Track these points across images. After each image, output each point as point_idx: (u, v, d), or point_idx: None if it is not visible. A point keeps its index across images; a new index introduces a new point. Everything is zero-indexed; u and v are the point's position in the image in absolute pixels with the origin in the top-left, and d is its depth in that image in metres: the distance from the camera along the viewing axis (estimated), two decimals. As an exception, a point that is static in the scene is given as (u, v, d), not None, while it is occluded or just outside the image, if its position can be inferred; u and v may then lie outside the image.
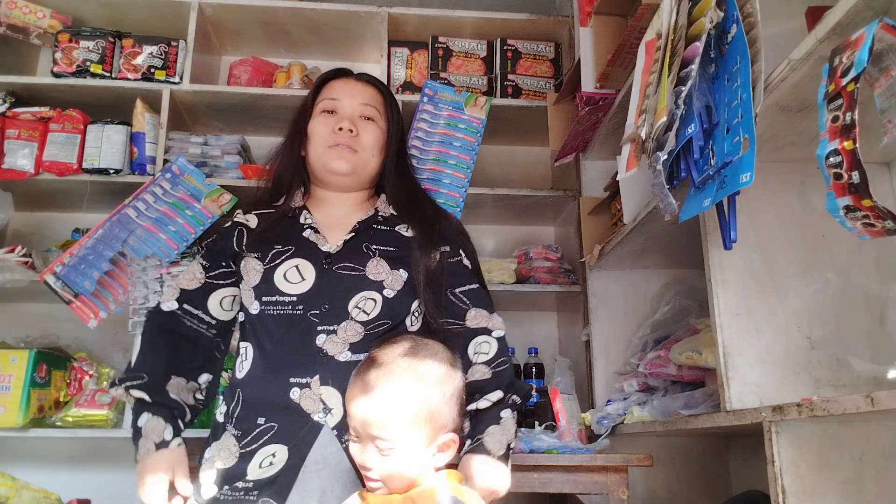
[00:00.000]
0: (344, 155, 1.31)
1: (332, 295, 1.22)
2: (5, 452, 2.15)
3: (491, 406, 1.17)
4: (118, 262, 2.03)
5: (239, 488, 1.13)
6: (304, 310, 1.20)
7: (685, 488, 1.87)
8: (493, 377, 1.20)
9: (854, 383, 1.22)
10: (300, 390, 1.16)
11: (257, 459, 1.14)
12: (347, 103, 1.36)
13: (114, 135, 2.17)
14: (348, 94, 1.37)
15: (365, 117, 1.35)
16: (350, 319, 1.20)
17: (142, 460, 1.14)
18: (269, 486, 1.12)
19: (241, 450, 1.15)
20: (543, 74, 2.49)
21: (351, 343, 1.19)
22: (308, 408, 1.15)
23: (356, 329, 1.20)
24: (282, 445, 1.14)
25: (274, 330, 1.21)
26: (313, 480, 1.14)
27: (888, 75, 0.79)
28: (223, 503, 1.13)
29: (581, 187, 2.22)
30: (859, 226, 0.84)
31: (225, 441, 1.18)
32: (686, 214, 1.19)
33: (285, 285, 1.22)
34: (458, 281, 1.32)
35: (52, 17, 2.32)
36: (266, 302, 1.22)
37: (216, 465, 1.16)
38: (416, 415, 0.98)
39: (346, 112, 1.35)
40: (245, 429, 1.17)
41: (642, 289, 2.02)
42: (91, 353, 2.24)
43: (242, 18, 2.43)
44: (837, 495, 1.02)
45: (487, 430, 1.14)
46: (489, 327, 1.28)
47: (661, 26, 1.23)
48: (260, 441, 1.15)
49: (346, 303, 1.21)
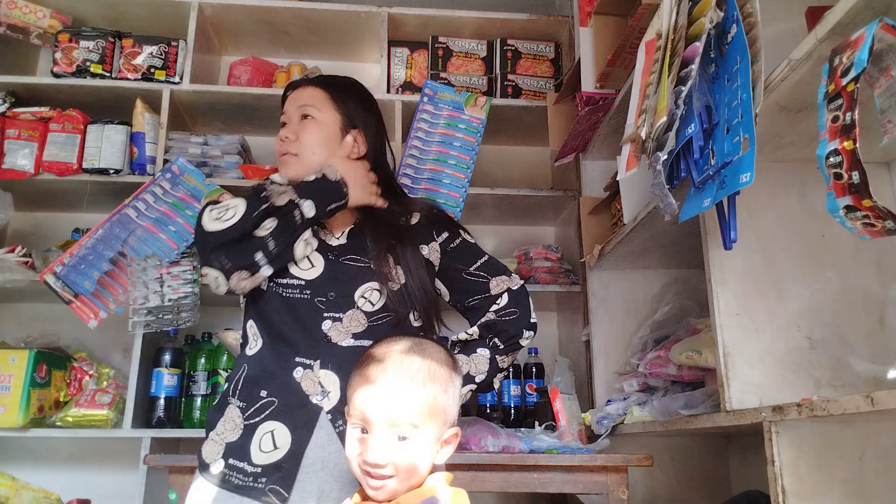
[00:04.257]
0: (287, 161, 1.37)
1: (338, 284, 1.27)
2: (5, 452, 2.15)
3: (469, 340, 1.33)
4: (118, 262, 2.02)
5: (248, 473, 1.16)
6: (312, 295, 1.26)
7: (685, 488, 1.87)
8: (494, 323, 1.34)
9: (854, 383, 1.22)
10: (303, 370, 1.21)
11: (258, 436, 1.18)
12: (290, 111, 1.41)
13: (114, 135, 2.17)
14: (291, 102, 1.42)
15: (303, 116, 1.39)
16: (356, 308, 1.26)
17: None
18: (275, 471, 1.16)
19: (245, 422, 1.20)
20: (543, 74, 2.49)
21: (354, 333, 1.24)
22: (308, 389, 1.20)
23: (360, 319, 1.25)
24: (282, 425, 1.18)
25: (281, 309, 1.26)
26: (312, 479, 1.15)
27: (888, 75, 0.79)
28: (230, 484, 1.17)
29: (581, 187, 2.22)
30: (859, 226, 0.84)
31: (230, 413, 1.22)
32: (686, 214, 1.19)
33: (296, 269, 1.28)
34: (470, 259, 1.41)
35: (52, 17, 2.32)
36: (277, 283, 1.27)
37: (226, 440, 1.20)
38: (433, 406, 0.98)
39: (290, 119, 1.40)
40: (248, 401, 1.21)
41: (642, 289, 2.02)
42: (91, 353, 2.24)
43: (242, 18, 2.43)
44: (837, 495, 1.02)
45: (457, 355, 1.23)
46: (511, 287, 1.38)
47: (661, 26, 1.23)
48: (262, 415, 1.19)
49: (353, 292, 1.27)
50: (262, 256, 1.22)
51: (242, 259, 1.22)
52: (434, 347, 1.05)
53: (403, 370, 0.99)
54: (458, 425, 1.06)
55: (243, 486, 1.16)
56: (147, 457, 1.78)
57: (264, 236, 1.22)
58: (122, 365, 2.21)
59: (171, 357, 2.11)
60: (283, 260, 1.25)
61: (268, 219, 1.23)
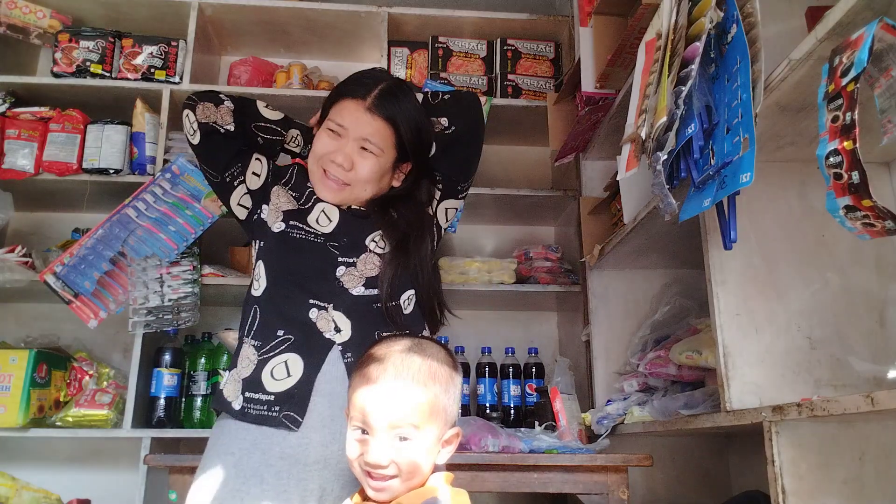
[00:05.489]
0: (333, 188, 1.36)
1: (350, 231, 1.34)
2: (5, 452, 2.15)
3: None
4: (118, 262, 2.02)
5: (262, 401, 1.21)
6: (325, 241, 1.32)
7: (685, 488, 1.87)
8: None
9: (854, 383, 1.22)
10: (318, 311, 1.27)
11: (271, 366, 1.23)
12: (352, 132, 1.35)
13: (114, 135, 2.17)
14: (354, 123, 1.35)
15: (363, 147, 1.36)
16: (368, 252, 1.31)
17: None
18: (288, 399, 1.21)
19: (260, 357, 1.24)
20: (543, 74, 2.49)
21: (367, 277, 1.29)
22: (322, 327, 1.26)
23: (374, 262, 1.31)
24: (296, 355, 1.23)
25: (296, 253, 1.31)
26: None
27: (888, 75, 0.79)
28: (249, 416, 1.21)
29: (581, 187, 2.22)
30: (859, 226, 0.84)
31: (245, 352, 1.27)
32: (686, 214, 1.19)
33: (314, 225, 1.35)
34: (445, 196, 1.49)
35: (52, 17, 2.32)
36: (292, 226, 1.34)
37: (241, 376, 1.24)
38: (434, 406, 0.98)
39: (349, 141, 1.35)
40: (264, 339, 1.26)
41: (642, 289, 2.02)
42: (91, 353, 2.24)
43: (242, 18, 2.43)
44: (837, 495, 1.02)
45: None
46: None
47: (661, 26, 1.23)
48: (277, 350, 1.24)
49: (363, 238, 1.33)
50: (223, 95, 1.42)
51: (207, 95, 1.40)
52: (434, 347, 1.05)
53: (404, 370, 0.98)
54: (458, 425, 1.06)
55: (260, 416, 1.20)
56: (147, 457, 1.78)
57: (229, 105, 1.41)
58: (122, 365, 2.21)
59: (171, 357, 2.11)
60: (239, 101, 1.44)
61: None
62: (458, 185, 1.50)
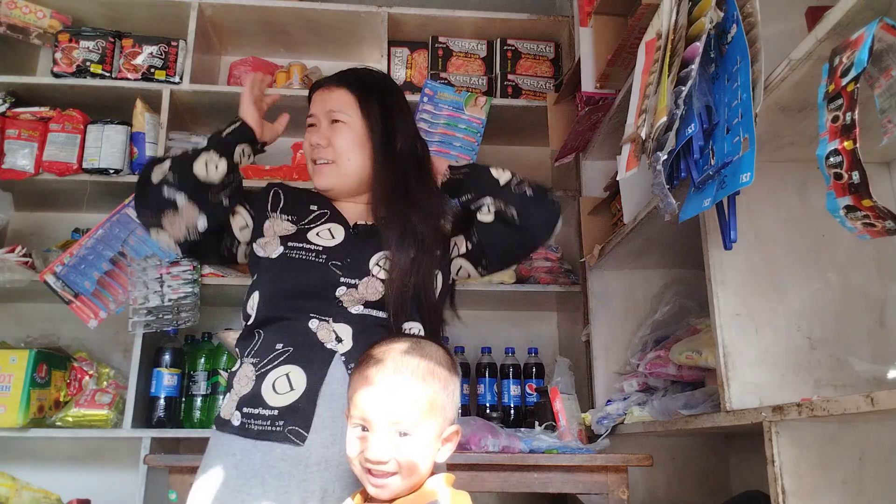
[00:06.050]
0: (323, 171, 1.36)
1: (354, 251, 1.29)
2: (5, 452, 2.15)
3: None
4: (118, 262, 2.03)
5: (265, 416, 1.17)
6: (327, 260, 1.27)
7: (685, 488, 1.87)
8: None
9: (854, 383, 1.22)
10: (319, 321, 1.23)
11: (271, 380, 1.18)
12: (320, 113, 1.38)
13: (114, 135, 2.17)
14: (320, 104, 1.39)
15: (333, 121, 1.37)
16: (371, 276, 1.26)
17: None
18: (292, 413, 1.16)
19: (258, 372, 1.21)
20: (543, 74, 2.49)
21: (367, 301, 1.25)
22: (323, 338, 1.22)
23: (377, 287, 1.25)
24: (297, 367, 1.19)
25: (297, 269, 1.27)
26: (315, 479, 1.14)
27: (888, 75, 0.79)
28: (250, 432, 1.17)
29: (581, 187, 2.22)
30: (859, 226, 0.84)
31: (243, 371, 1.23)
32: (686, 214, 1.19)
33: (316, 239, 1.30)
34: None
35: (52, 17, 2.32)
36: (291, 247, 1.29)
37: (239, 394, 1.21)
38: (433, 403, 0.98)
39: (321, 122, 1.38)
40: (262, 354, 1.22)
41: (642, 289, 2.02)
42: (91, 353, 2.24)
43: (242, 18, 2.43)
44: (837, 495, 1.02)
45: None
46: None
47: (661, 26, 1.23)
48: (276, 362, 1.21)
49: (367, 260, 1.28)
50: (167, 188, 1.22)
51: (150, 198, 1.24)
52: (433, 347, 1.06)
53: (402, 367, 0.99)
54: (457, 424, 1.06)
55: (262, 431, 1.17)
56: (147, 457, 1.78)
57: (163, 174, 1.24)
58: (122, 365, 2.21)
59: (171, 357, 2.11)
60: (188, 183, 1.23)
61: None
62: (483, 262, 1.40)
